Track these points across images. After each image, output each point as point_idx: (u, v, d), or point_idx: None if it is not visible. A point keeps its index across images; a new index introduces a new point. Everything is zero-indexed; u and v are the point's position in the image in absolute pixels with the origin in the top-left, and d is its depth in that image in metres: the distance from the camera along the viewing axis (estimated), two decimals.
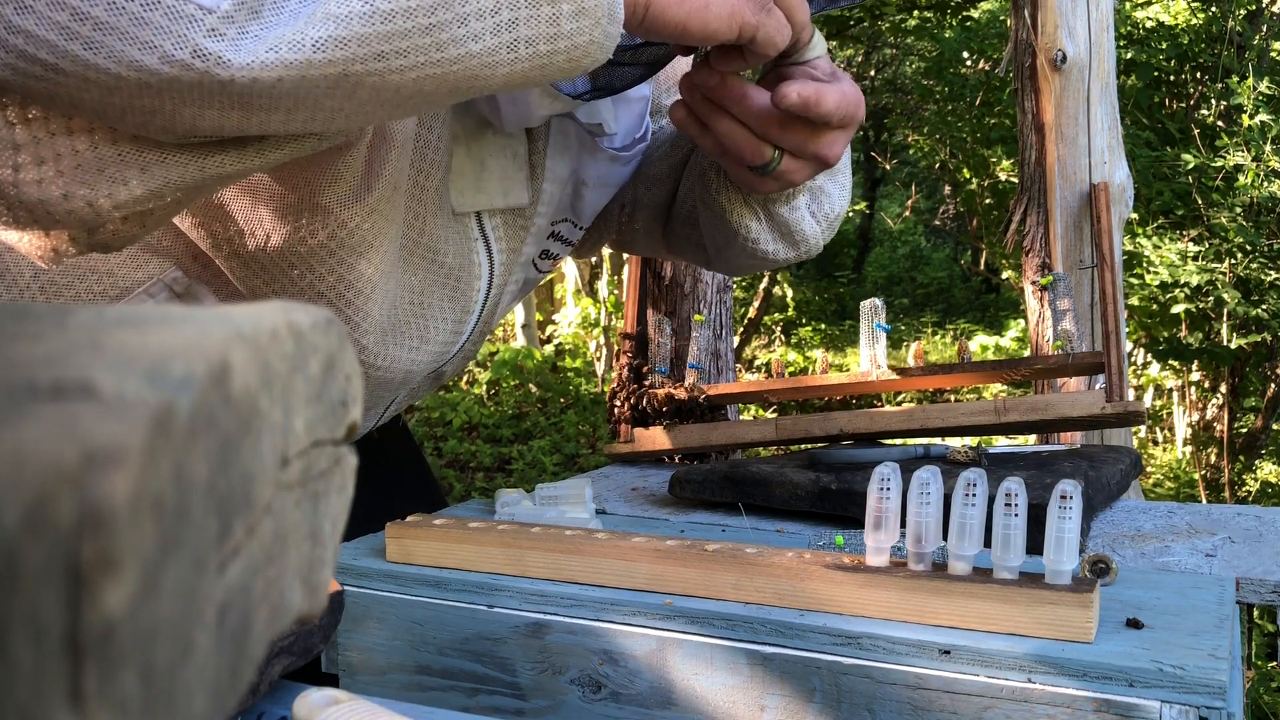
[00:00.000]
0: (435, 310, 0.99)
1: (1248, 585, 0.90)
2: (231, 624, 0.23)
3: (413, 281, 0.96)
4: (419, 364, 1.00)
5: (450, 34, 0.64)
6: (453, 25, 0.64)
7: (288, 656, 0.79)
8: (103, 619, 0.18)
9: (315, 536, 0.28)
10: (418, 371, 1.01)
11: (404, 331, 0.96)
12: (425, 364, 1.01)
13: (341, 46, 0.62)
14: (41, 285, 0.91)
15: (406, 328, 0.97)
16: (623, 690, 0.82)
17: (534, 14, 0.66)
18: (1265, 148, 4.17)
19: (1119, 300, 2.02)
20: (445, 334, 1.01)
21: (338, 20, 0.61)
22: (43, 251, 0.72)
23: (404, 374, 0.99)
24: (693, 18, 0.73)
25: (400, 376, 0.99)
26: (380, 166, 0.85)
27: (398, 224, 0.90)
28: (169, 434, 0.19)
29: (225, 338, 0.23)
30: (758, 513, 1.14)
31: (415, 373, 1.01)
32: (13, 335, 0.23)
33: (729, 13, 0.74)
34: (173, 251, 0.91)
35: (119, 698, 0.18)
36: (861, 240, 12.15)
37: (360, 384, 0.31)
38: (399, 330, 0.96)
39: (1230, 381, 4.97)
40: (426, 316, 0.98)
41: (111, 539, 0.17)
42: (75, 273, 0.91)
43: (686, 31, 0.73)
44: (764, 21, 0.76)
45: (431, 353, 1.01)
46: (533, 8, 0.66)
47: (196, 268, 0.92)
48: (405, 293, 0.95)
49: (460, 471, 5.19)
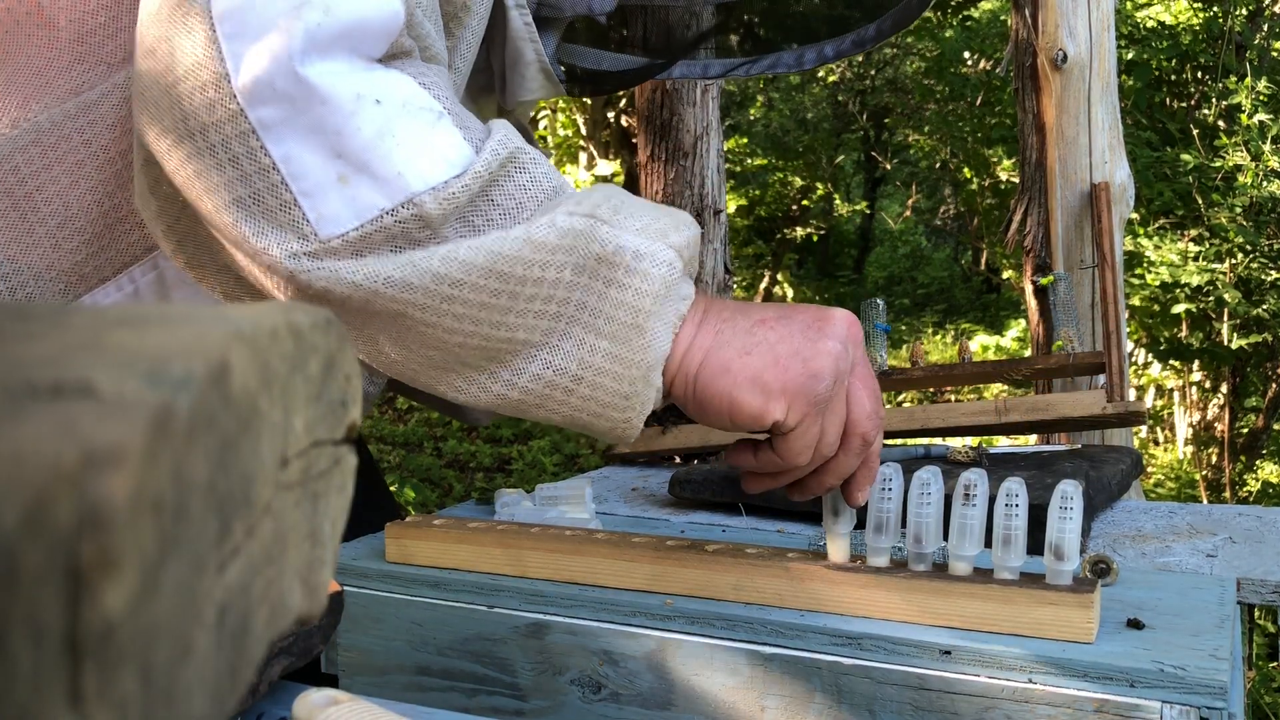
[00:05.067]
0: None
1: (1249, 585, 0.90)
2: (231, 624, 0.23)
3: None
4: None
5: (500, 317, 0.73)
6: (505, 312, 0.73)
7: (287, 657, 0.79)
8: (102, 619, 0.18)
9: (315, 537, 0.28)
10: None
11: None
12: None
13: (408, 289, 0.71)
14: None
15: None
16: (623, 690, 0.82)
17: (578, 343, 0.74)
18: (1265, 147, 4.17)
19: (1120, 300, 2.02)
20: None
21: (414, 268, 0.71)
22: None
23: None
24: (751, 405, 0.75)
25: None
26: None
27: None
28: (168, 434, 0.19)
29: (225, 338, 0.23)
30: (758, 513, 1.14)
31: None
32: (12, 335, 0.23)
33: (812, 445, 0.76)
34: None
35: (119, 698, 0.18)
36: (862, 240, 12.15)
37: (360, 384, 0.31)
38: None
39: (1231, 381, 4.97)
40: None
41: (111, 539, 0.17)
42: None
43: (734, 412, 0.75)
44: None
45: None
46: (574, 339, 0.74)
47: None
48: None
49: (460, 471, 5.19)
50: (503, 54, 1.02)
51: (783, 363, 0.73)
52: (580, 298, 0.73)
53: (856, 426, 0.76)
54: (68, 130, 0.90)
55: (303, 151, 0.72)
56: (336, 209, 0.72)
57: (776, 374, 0.73)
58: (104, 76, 0.90)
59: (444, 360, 0.76)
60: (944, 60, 6.71)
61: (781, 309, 0.77)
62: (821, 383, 0.73)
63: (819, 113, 10.33)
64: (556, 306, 0.73)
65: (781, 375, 0.73)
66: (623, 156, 5.96)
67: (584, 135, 6.09)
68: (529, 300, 0.72)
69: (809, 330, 0.75)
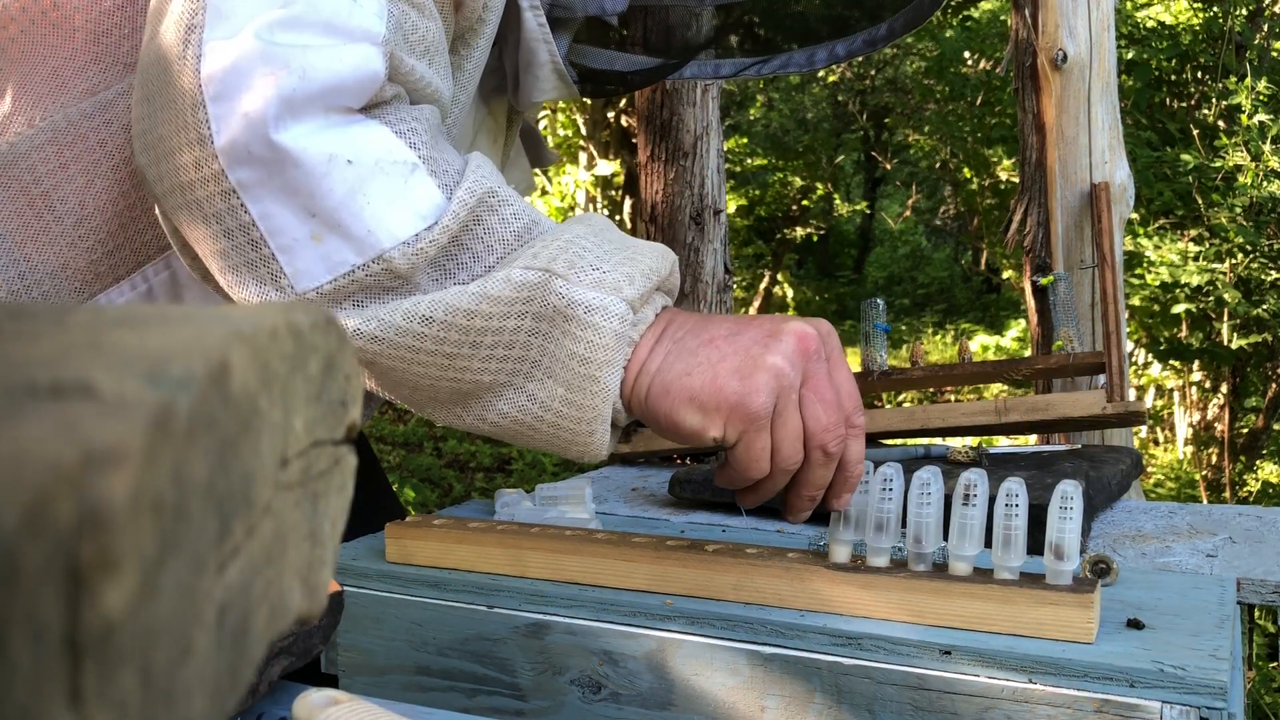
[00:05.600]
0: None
1: (1249, 586, 0.90)
2: (231, 624, 0.23)
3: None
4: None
5: (465, 364, 0.77)
6: (469, 359, 0.77)
7: (287, 657, 0.79)
8: (102, 619, 0.18)
9: (315, 536, 0.28)
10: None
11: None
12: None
13: (375, 341, 0.76)
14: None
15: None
16: (623, 690, 0.82)
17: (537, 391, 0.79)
18: (1265, 147, 4.17)
19: (1120, 300, 2.02)
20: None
21: (379, 322, 0.76)
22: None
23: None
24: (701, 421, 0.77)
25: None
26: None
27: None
28: (168, 434, 0.19)
29: (225, 338, 0.23)
30: (758, 513, 1.14)
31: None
32: (12, 335, 0.23)
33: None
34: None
35: (118, 698, 0.18)
36: (862, 240, 12.15)
37: (360, 384, 0.31)
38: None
39: (1231, 381, 4.97)
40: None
41: (111, 539, 0.17)
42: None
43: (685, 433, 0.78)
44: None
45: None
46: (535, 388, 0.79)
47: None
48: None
49: (460, 471, 5.19)
50: (516, 55, 1.03)
51: (719, 382, 0.75)
52: (540, 344, 0.77)
53: (813, 439, 0.77)
54: (83, 130, 0.90)
55: (279, 210, 0.75)
56: (310, 264, 0.76)
57: (712, 393, 0.75)
58: (119, 76, 0.91)
59: (415, 397, 0.82)
60: (944, 60, 6.71)
61: (738, 325, 0.78)
62: (757, 399, 0.74)
63: (819, 113, 10.34)
64: (519, 351, 0.77)
65: (717, 395, 0.75)
66: (623, 156, 5.96)
67: (584, 135, 6.09)
68: (491, 348, 0.77)
69: (754, 347, 0.76)
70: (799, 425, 0.76)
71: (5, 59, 0.91)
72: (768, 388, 0.75)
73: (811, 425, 0.76)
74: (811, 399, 0.76)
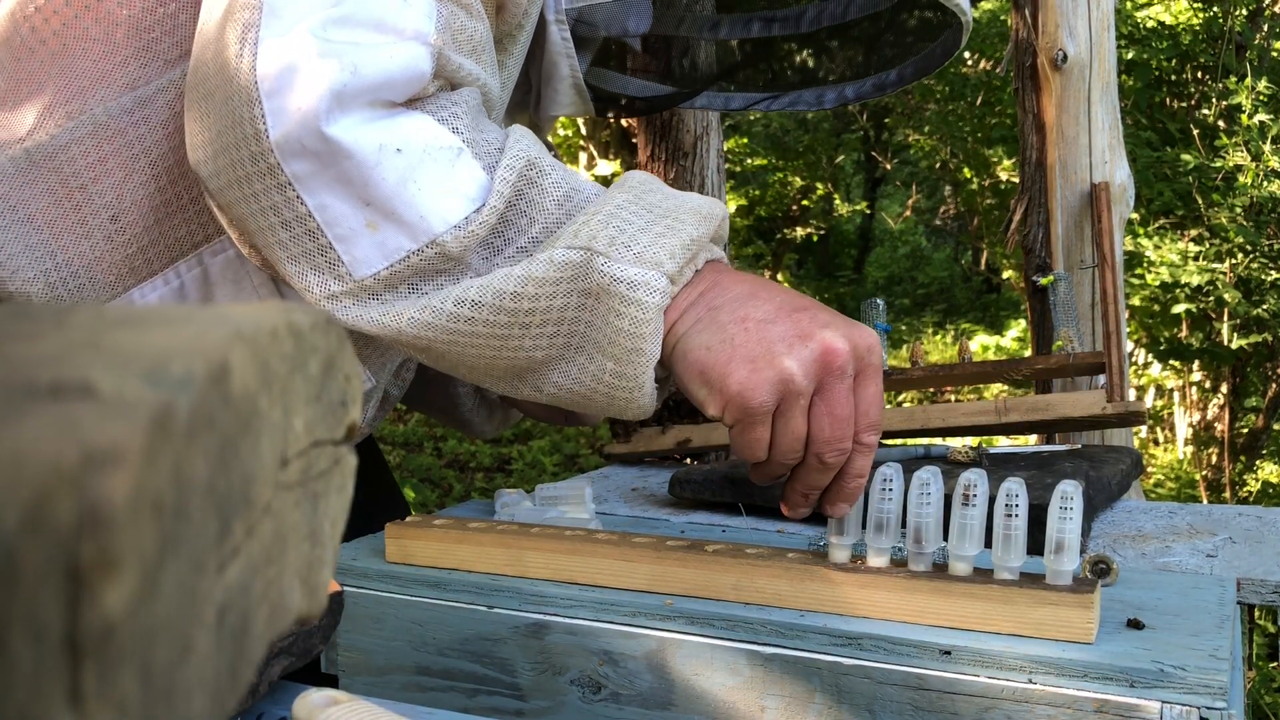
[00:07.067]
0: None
1: (1249, 586, 0.90)
2: (231, 624, 0.23)
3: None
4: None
5: (516, 343, 0.80)
6: (520, 339, 0.80)
7: (287, 657, 0.79)
8: (102, 619, 0.18)
9: (315, 537, 0.28)
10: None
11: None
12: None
13: (429, 329, 0.79)
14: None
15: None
16: (623, 691, 0.82)
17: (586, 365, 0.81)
18: (1265, 147, 4.17)
19: (1120, 300, 2.02)
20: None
21: (433, 310, 0.79)
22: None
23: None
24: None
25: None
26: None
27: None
28: (168, 434, 0.19)
29: (225, 338, 0.23)
30: (758, 513, 1.14)
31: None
32: (12, 335, 0.23)
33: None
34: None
35: (118, 698, 0.18)
36: (862, 240, 12.15)
37: (360, 384, 0.31)
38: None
39: (1231, 381, 4.97)
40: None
41: (111, 539, 0.17)
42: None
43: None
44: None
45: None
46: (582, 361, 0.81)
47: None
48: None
49: (460, 471, 5.19)
50: (540, 68, 1.05)
51: (730, 366, 0.76)
52: (587, 319, 0.79)
53: (813, 446, 0.77)
54: (122, 125, 0.91)
55: (334, 201, 0.78)
56: (367, 252, 0.79)
57: (719, 376, 0.77)
58: (160, 72, 0.92)
59: (473, 374, 0.85)
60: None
61: (778, 313, 0.78)
62: (757, 396, 0.75)
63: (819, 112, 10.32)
64: (568, 328, 0.79)
65: (723, 378, 0.76)
66: (623, 156, 5.96)
67: (584, 135, 6.09)
68: (540, 326, 0.79)
69: (778, 344, 0.76)
70: (802, 429, 0.77)
71: (46, 52, 0.92)
72: (771, 388, 0.75)
73: (815, 434, 0.77)
74: (822, 411, 0.77)
